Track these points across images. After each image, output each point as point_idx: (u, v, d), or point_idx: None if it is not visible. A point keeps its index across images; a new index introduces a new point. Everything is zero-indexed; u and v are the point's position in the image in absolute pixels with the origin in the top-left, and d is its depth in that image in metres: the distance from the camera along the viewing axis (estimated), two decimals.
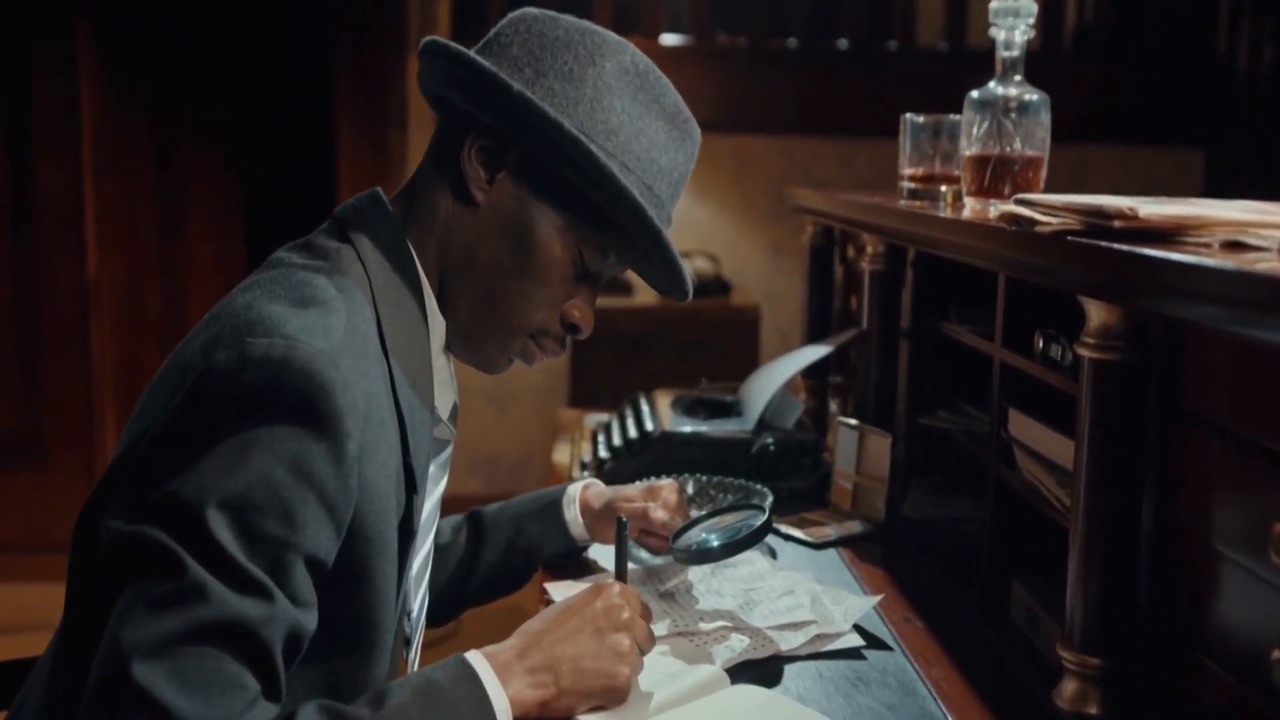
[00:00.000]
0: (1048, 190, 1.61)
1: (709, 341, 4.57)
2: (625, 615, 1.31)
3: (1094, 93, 4.88)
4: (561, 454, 2.50)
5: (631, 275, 4.75)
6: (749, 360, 4.37)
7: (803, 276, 2.76)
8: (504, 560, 1.75)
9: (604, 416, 2.52)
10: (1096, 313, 1.23)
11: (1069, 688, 1.29)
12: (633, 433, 2.21)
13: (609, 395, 3.86)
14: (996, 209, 1.43)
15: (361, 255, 1.35)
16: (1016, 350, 1.65)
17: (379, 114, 4.35)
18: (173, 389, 1.20)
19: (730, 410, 2.36)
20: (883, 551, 1.90)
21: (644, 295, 4.68)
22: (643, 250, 1.44)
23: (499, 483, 5.13)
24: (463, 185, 1.37)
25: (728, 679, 1.38)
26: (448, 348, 1.46)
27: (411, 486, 1.33)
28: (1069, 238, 1.22)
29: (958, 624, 1.61)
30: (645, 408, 2.37)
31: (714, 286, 4.71)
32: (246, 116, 5.25)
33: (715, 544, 1.57)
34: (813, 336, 2.68)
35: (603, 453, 2.21)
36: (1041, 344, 1.57)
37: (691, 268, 4.67)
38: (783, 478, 2.13)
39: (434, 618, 1.75)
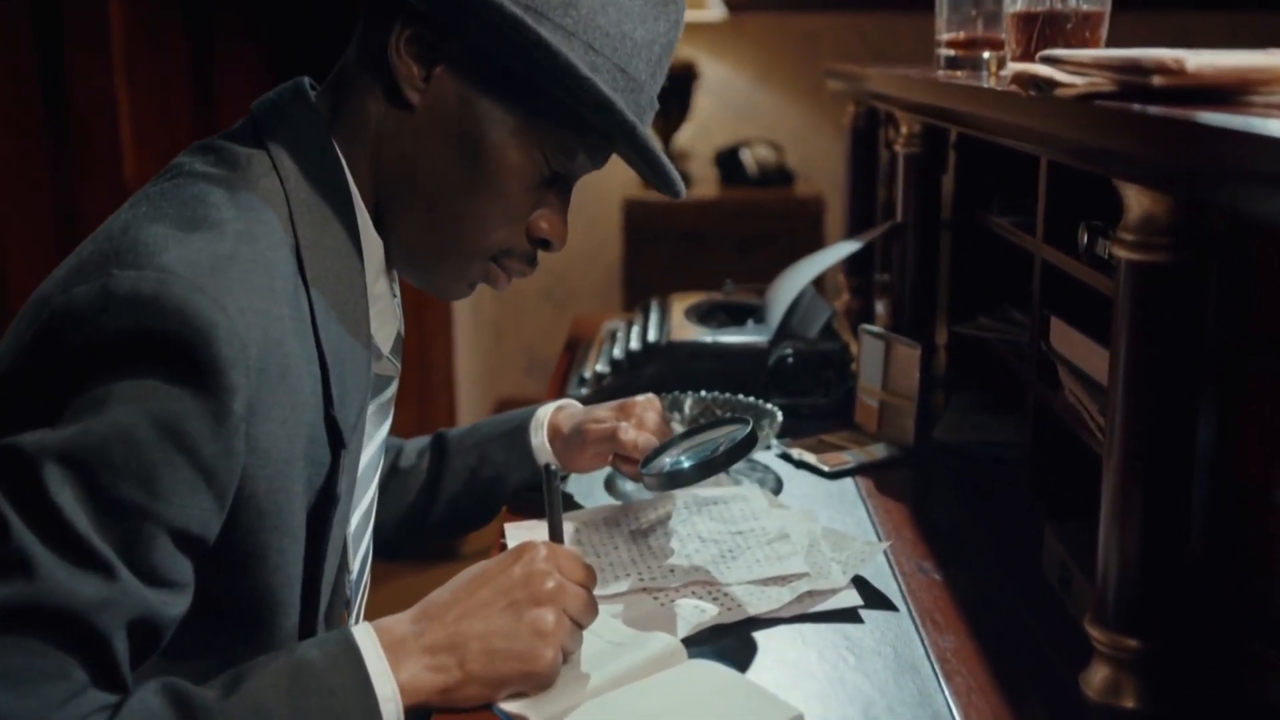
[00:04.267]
0: None
1: (771, 234, 4.28)
2: (550, 585, 1.06)
3: None
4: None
5: (689, 162, 4.49)
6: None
7: (844, 162, 2.46)
8: (466, 491, 1.53)
9: (616, 324, 2.26)
10: (1137, 201, 0.95)
11: (1099, 674, 1.03)
12: (635, 343, 1.96)
13: (666, 295, 3.63)
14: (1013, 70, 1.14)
15: (277, 164, 1.11)
16: (1062, 247, 1.37)
17: None
18: (29, 324, 0.99)
19: (754, 316, 2.09)
20: (908, 481, 1.64)
21: (701, 188, 4.40)
22: (620, 147, 1.19)
23: None
24: (393, 84, 1.12)
25: (684, 652, 1.14)
26: (390, 270, 1.23)
27: (337, 441, 1.12)
28: (1097, 102, 0.93)
29: (981, 577, 1.34)
30: (656, 314, 2.11)
31: (776, 176, 4.41)
32: (279, 10, 5.02)
33: (687, 464, 1.32)
34: (854, 229, 2.39)
35: (600, 366, 1.96)
36: (1086, 239, 1.28)
37: (752, 156, 4.38)
38: (804, 394, 1.87)
39: (394, 550, 1.55)
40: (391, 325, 1.26)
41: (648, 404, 1.49)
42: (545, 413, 1.53)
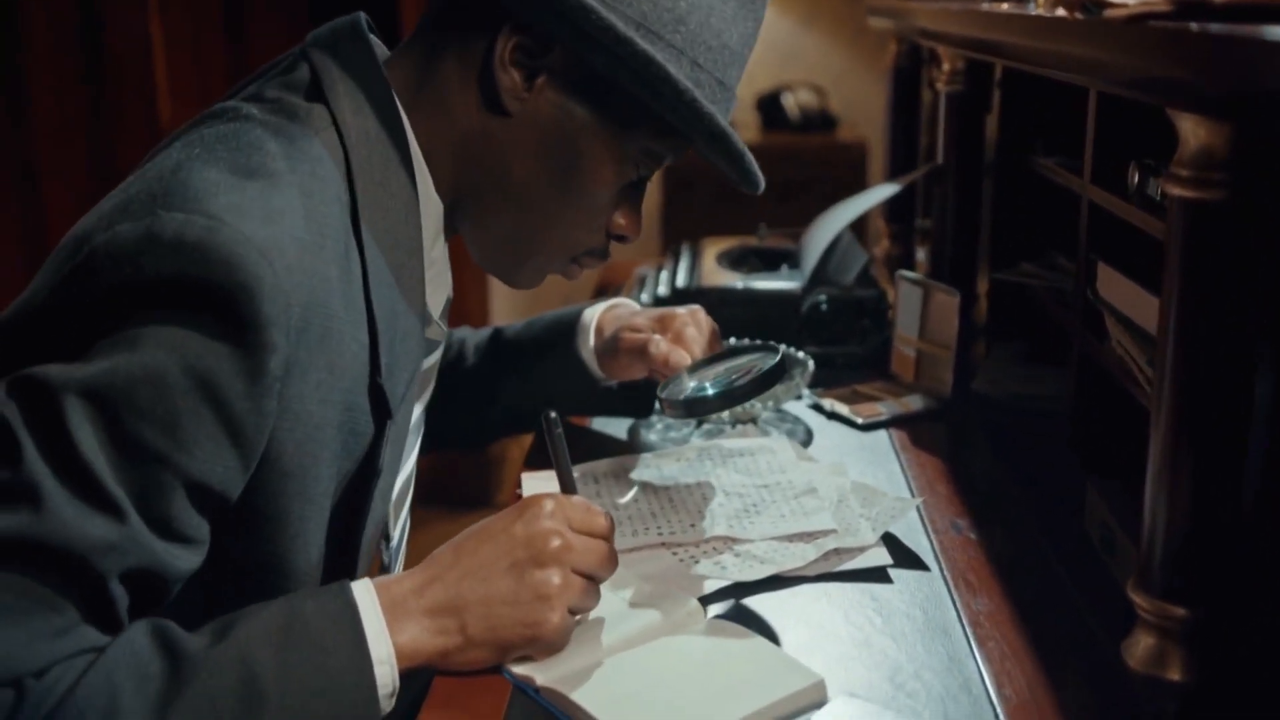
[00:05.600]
0: None
1: (812, 180, 4.18)
2: (554, 544, 1.00)
3: None
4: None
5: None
6: None
7: (885, 103, 2.37)
8: (519, 393, 1.49)
9: (647, 269, 2.20)
10: (1192, 132, 0.87)
11: (1142, 644, 0.96)
12: (664, 289, 1.89)
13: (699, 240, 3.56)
14: None
15: (337, 118, 1.06)
16: (1111, 188, 1.29)
17: None
18: (67, 258, 0.94)
19: (788, 262, 2.02)
20: (944, 434, 1.57)
21: (742, 133, 4.29)
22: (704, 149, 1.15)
23: None
24: (493, 92, 1.08)
25: (703, 612, 1.09)
26: (448, 237, 1.19)
27: (383, 412, 1.07)
28: (1151, 22, 0.85)
29: (1019, 536, 1.28)
30: (687, 259, 2.04)
31: (818, 121, 4.31)
32: None
33: (711, 392, 1.24)
34: (895, 174, 2.30)
35: None
36: (1137, 179, 1.20)
37: (794, 100, 4.28)
38: (838, 342, 1.80)
39: (460, 442, 1.55)
40: (443, 290, 1.21)
41: (689, 316, 1.41)
42: (593, 314, 1.48)
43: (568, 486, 1.09)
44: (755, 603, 1.13)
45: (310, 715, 0.90)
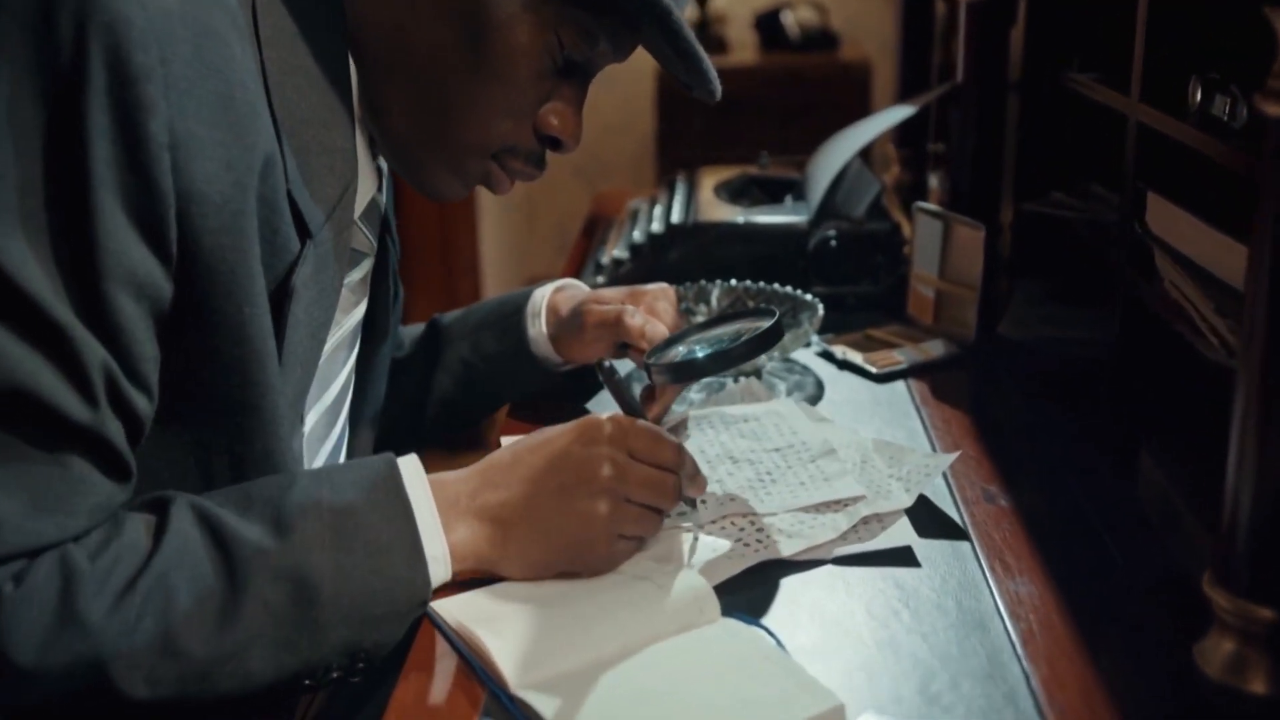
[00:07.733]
0: None
1: (814, 103, 4.01)
2: (606, 471, 0.95)
3: None
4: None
5: (727, 26, 4.20)
6: None
7: (894, 20, 2.19)
8: (459, 384, 1.36)
9: (640, 202, 2.03)
10: None
11: (1222, 648, 0.82)
12: (658, 225, 1.73)
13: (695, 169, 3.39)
14: None
15: None
16: (1164, 108, 1.13)
17: None
18: None
19: (792, 193, 1.86)
20: (968, 385, 1.42)
21: (740, 53, 4.12)
22: (650, 35, 1.02)
23: None
24: None
25: (717, 605, 0.94)
26: (373, 141, 1.06)
27: (303, 229, 0.93)
28: None
29: (1061, 506, 1.13)
30: (682, 191, 1.88)
31: (819, 39, 4.13)
32: None
33: (700, 354, 1.14)
34: (904, 94, 2.13)
35: (619, 251, 1.74)
36: (1200, 95, 1.04)
37: (794, 18, 4.09)
38: (849, 282, 1.65)
39: (394, 447, 1.39)
40: (368, 187, 1.06)
41: (660, 293, 1.30)
42: (543, 295, 1.33)
43: (633, 413, 1.04)
44: (764, 593, 0.99)
45: (362, 614, 0.88)
